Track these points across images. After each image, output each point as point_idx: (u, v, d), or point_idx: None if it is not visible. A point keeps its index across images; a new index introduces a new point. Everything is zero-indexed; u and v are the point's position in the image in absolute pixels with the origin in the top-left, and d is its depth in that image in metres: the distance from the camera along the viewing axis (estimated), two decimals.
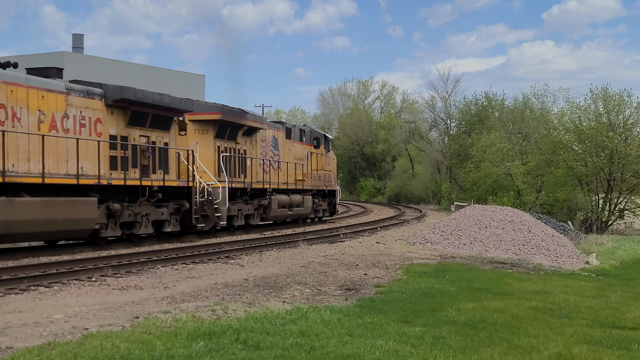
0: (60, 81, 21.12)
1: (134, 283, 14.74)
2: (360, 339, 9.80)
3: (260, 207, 32.07)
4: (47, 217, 19.18)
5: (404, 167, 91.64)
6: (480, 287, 15.66)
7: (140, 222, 23.47)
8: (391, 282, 16.06)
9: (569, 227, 36.34)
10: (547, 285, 16.56)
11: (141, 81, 58.96)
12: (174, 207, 25.18)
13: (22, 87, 19.34)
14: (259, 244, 24.39)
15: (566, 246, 26.19)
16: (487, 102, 64.44)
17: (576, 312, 12.89)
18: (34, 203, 18.85)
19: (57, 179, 20.00)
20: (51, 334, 9.48)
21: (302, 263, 18.92)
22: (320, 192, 39.97)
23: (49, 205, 19.39)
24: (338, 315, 11.33)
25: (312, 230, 32.30)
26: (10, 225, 18.12)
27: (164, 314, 10.91)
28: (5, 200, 18.03)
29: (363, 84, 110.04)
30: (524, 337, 10.45)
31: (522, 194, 48.79)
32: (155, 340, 9.13)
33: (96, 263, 17.73)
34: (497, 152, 51.59)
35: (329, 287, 14.95)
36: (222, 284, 14.68)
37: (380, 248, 24.41)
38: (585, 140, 45.46)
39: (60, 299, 12.77)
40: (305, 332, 9.99)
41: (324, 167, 40.68)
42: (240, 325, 10.23)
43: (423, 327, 10.83)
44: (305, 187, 37.41)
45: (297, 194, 35.87)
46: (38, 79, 20.13)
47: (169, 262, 18.56)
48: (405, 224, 40.20)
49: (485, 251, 24.76)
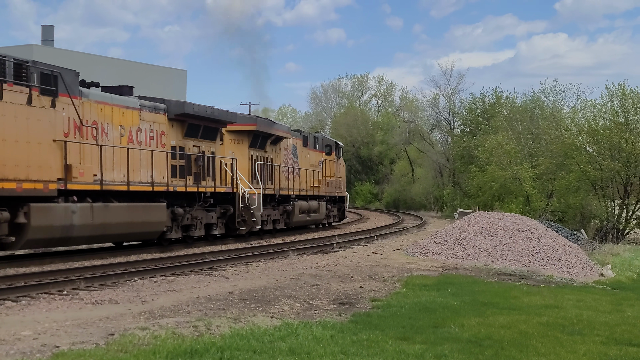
0: (134, 98, 25.57)
1: (108, 297, 14.73)
2: (355, 357, 9.81)
3: (285, 213, 35.98)
4: (131, 220, 23.62)
5: (403, 171, 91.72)
6: (486, 301, 15.69)
7: (195, 225, 27.61)
8: (389, 295, 16.08)
9: (582, 236, 36.44)
10: (558, 299, 16.59)
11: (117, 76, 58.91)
12: (220, 211, 29.38)
13: (108, 105, 23.70)
14: (245, 254, 24.38)
15: (579, 257, 26.25)
16: (495, 100, 64.36)
17: (590, 329, 12.91)
18: (122, 208, 23.27)
19: (138, 187, 24.41)
20: (19, 353, 9.47)
21: (292, 275, 18.93)
22: (332, 198, 44.08)
23: (133, 210, 23.82)
24: (331, 332, 11.35)
25: (303, 240, 32.33)
26: (106, 227, 22.48)
27: (141, 331, 10.91)
28: (102, 205, 22.32)
29: (359, 80, 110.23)
30: (533, 356, 10.47)
31: (532, 200, 48.88)
32: (132, 359, 9.13)
33: (68, 275, 17.70)
34: (505, 154, 51.67)
35: (321, 301, 14.97)
36: (205, 298, 14.68)
37: (377, 259, 24.44)
38: (600, 141, 45.56)
39: (29, 314, 12.75)
40: (295, 350, 9.99)
41: (335, 173, 44.88)
42: (225, 342, 10.23)
43: (423, 344, 10.85)
44: (321, 194, 41.47)
45: (314, 200, 39.82)
46: (119, 97, 24.59)
47: (147, 273, 18.54)
48: (405, 232, 40.24)
49: (492, 262, 24.81)
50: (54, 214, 20.52)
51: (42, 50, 63.64)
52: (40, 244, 21.48)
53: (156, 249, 25.59)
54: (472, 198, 57.27)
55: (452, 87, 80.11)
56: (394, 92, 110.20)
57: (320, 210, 40.46)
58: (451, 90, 79.65)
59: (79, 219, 21.25)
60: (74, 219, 21.08)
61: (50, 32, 71.58)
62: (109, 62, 66.33)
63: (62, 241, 21.83)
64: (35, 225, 19.75)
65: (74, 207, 21.22)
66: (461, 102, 74.11)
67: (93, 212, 21.89)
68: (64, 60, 61.37)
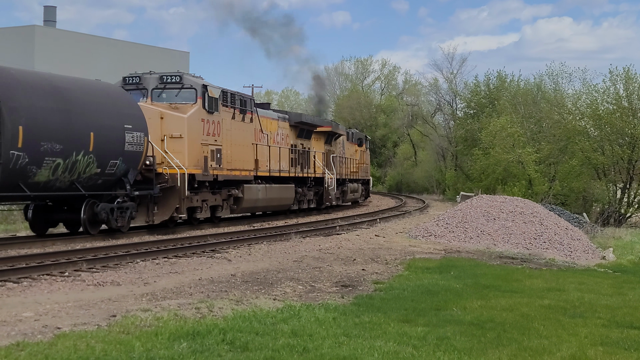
0: (273, 112, 37.27)
1: (110, 278, 14.73)
2: (357, 339, 9.81)
3: (341, 193, 45.98)
4: (280, 196, 34.81)
5: (405, 154, 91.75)
6: (488, 283, 15.69)
7: (304, 200, 38.98)
8: (391, 278, 16.09)
9: (584, 220, 36.46)
10: (560, 282, 16.59)
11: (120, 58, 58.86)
12: (314, 190, 40.69)
13: (265, 118, 34.43)
14: (248, 236, 24.39)
15: (581, 240, 26.26)
16: (499, 83, 64.08)
17: (591, 311, 12.91)
18: (277, 187, 34.39)
19: (284, 173, 35.93)
20: (20, 334, 9.47)
21: (294, 257, 18.93)
22: (363, 180, 54.84)
23: (281, 189, 34.98)
24: (333, 314, 11.35)
25: (305, 222, 32.40)
26: (270, 200, 33.69)
27: (143, 312, 10.91)
28: (269, 186, 33.48)
29: (362, 63, 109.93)
30: (534, 338, 10.47)
31: (534, 184, 48.82)
32: (134, 341, 9.13)
33: (69, 257, 17.69)
34: (508, 137, 51.58)
35: (324, 283, 14.97)
36: (207, 280, 14.69)
37: (380, 241, 24.44)
38: (603, 125, 45.50)
39: (30, 295, 12.76)
40: (297, 332, 10.00)
41: (364, 161, 56.46)
42: (227, 324, 10.24)
43: (426, 326, 10.85)
44: (359, 178, 52.92)
45: (354, 183, 50.29)
46: (268, 112, 36.11)
47: (149, 255, 18.55)
48: (407, 215, 40.26)
49: (494, 245, 24.81)
50: (253, 190, 31.65)
51: (44, 31, 63.49)
52: (246, 210, 32.26)
53: (158, 231, 25.59)
54: (475, 181, 57.22)
55: (454, 70, 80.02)
56: (397, 76, 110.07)
57: (359, 190, 51.65)
58: (453, 75, 79.54)
59: (261, 194, 32.41)
60: (259, 194, 32.22)
61: (53, 13, 71.29)
62: (111, 43, 66.19)
63: (253, 208, 33.03)
64: (246, 198, 30.80)
65: (260, 187, 32.45)
66: (465, 85, 73.96)
67: (266, 190, 33.00)
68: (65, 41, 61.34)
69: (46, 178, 20.27)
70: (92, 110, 22.04)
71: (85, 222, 22.25)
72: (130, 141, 23.24)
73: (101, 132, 21.99)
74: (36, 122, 19.70)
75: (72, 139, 20.90)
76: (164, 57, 67.86)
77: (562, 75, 58.57)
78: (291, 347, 9.22)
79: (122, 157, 22.97)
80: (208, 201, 28.05)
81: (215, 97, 28.16)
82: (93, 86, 23.60)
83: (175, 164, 25.40)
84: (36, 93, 20.15)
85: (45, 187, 20.50)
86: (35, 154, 19.58)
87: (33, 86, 20.26)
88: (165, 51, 72.64)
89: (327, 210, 42.77)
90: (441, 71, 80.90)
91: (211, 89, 27.89)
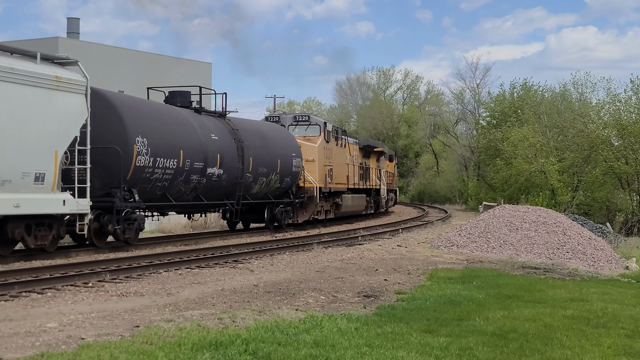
0: (351, 137, 45.16)
1: (134, 289, 14.78)
2: (379, 350, 9.81)
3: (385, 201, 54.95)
4: (358, 203, 43.93)
5: (428, 164, 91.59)
6: (511, 294, 15.65)
7: (370, 206, 48.15)
8: (413, 288, 16.07)
9: (607, 230, 36.28)
10: (583, 293, 16.51)
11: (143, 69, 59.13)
12: (372, 199, 48.73)
13: (349, 144, 43.20)
14: (270, 247, 24.42)
15: (604, 250, 26.13)
16: (524, 92, 63.85)
17: (615, 322, 12.85)
18: (356, 196, 43.35)
19: (359, 186, 44.91)
20: (44, 344, 9.53)
21: (316, 268, 18.95)
22: (392, 190, 60.90)
23: (360, 199, 44.46)
24: (356, 324, 11.35)
25: (327, 232, 32.38)
26: (354, 207, 42.84)
27: (166, 323, 10.95)
28: (353, 195, 42.58)
29: (384, 73, 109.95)
30: (557, 349, 10.43)
31: (557, 194, 48.64)
32: (157, 351, 9.17)
33: (93, 267, 17.78)
34: (530, 147, 51.41)
35: (346, 293, 14.98)
36: (230, 290, 14.73)
37: (402, 252, 24.43)
38: (626, 135, 45.27)
39: (54, 306, 12.83)
40: (320, 343, 10.01)
41: (394, 174, 62.97)
42: (250, 334, 10.26)
43: (448, 337, 10.83)
44: (392, 188, 60.52)
45: (390, 193, 58.28)
46: (350, 138, 44.28)
47: (172, 266, 18.60)
48: (429, 225, 40.19)
49: (516, 255, 24.73)
50: (347, 199, 41.04)
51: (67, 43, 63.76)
52: (341, 214, 40.63)
53: (180, 241, 25.69)
54: (497, 191, 57.06)
55: (477, 80, 79.92)
56: (420, 85, 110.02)
57: (393, 198, 60.83)
58: (476, 84, 79.45)
59: (350, 202, 41.67)
60: (349, 202, 41.54)
61: (76, 25, 71.63)
62: (134, 54, 66.39)
63: (345, 212, 41.38)
64: (343, 205, 40.20)
65: (349, 196, 41.74)
66: (489, 94, 73.85)
67: (352, 199, 42.25)
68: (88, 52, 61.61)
69: (257, 190, 30.76)
70: (277, 144, 32.28)
71: (267, 221, 31.91)
72: (294, 164, 33.42)
73: (283, 158, 32.25)
74: (256, 154, 29.96)
75: (271, 164, 31.19)
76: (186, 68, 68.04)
77: (586, 85, 58.41)
78: (313, 357, 9.23)
79: (290, 175, 33.22)
80: (324, 207, 37.71)
81: (329, 131, 38.75)
82: (274, 127, 34.65)
83: (310, 180, 35.41)
84: (254, 135, 30.57)
85: (255, 196, 30.77)
86: (255, 175, 30.17)
87: (252, 131, 30.84)
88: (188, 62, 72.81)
89: (380, 215, 52.28)
90: (464, 81, 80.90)
91: (328, 124, 38.95)
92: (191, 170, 25.45)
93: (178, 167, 24.65)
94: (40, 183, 19.16)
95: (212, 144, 26.82)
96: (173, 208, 26.84)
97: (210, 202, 27.82)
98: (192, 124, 26.32)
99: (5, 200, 18.13)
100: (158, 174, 23.80)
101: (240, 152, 28.66)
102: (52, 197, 19.56)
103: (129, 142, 22.35)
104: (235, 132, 28.97)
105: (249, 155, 29.14)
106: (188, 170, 25.27)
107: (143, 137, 22.94)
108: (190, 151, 25.35)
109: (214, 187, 27.34)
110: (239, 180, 28.64)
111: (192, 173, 25.56)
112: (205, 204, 27.64)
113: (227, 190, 28.38)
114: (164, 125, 24.62)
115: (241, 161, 28.66)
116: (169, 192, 24.83)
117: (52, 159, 19.41)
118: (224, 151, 27.50)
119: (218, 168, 27.10)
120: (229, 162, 27.80)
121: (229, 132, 28.63)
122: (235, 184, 28.50)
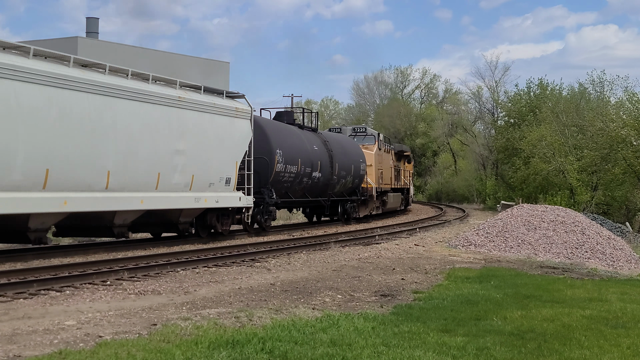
0: (389, 145, 50.56)
1: (151, 287, 14.83)
2: (396, 349, 9.79)
3: None
4: (397, 200, 51.19)
5: (445, 163, 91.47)
6: (529, 293, 15.59)
7: (402, 203, 54.48)
8: (431, 287, 16.04)
9: (627, 229, 36.14)
10: (602, 292, 16.43)
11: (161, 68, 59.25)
12: (401, 196, 54.00)
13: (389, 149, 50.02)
14: (287, 245, 24.45)
15: (624, 249, 26.00)
16: (540, 91, 63.58)
17: (634, 322, 12.77)
18: (392, 195, 49.46)
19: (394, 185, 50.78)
20: (62, 342, 9.57)
21: (333, 267, 18.95)
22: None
23: (394, 196, 49.91)
24: (372, 324, 11.34)
25: (344, 232, 32.38)
26: (393, 203, 49.59)
27: (183, 321, 10.97)
28: (393, 194, 49.65)
29: (402, 72, 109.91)
30: (576, 349, 10.39)
31: (576, 193, 48.46)
32: (174, 349, 9.18)
33: (111, 266, 17.84)
34: (548, 146, 51.23)
35: (363, 292, 14.96)
36: (247, 289, 14.74)
37: (419, 251, 24.39)
38: None
39: (73, 304, 12.88)
40: (336, 342, 10.00)
41: (411, 173, 66.24)
42: (266, 333, 10.26)
43: (465, 337, 10.80)
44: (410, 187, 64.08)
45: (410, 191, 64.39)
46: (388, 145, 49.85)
47: (189, 264, 18.65)
48: (447, 224, 40.13)
49: (535, 255, 24.66)
50: (390, 197, 48.03)
51: (86, 42, 64.01)
52: (387, 209, 48.04)
53: (198, 240, 25.78)
54: (516, 190, 56.90)
55: (496, 79, 79.67)
56: (438, 84, 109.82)
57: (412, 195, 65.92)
58: (495, 83, 79.20)
59: (392, 199, 48.84)
60: (392, 199, 48.77)
61: (95, 25, 71.92)
62: (152, 53, 66.57)
63: (389, 209, 48.73)
64: (389, 202, 47.53)
65: (392, 194, 48.90)
66: (505, 94, 73.55)
67: (394, 198, 49.44)
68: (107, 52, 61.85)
69: (337, 190, 37.80)
70: (351, 152, 39.67)
71: (340, 214, 39.07)
72: (361, 168, 40.45)
73: (355, 164, 39.46)
74: (339, 161, 37.25)
75: (348, 168, 38.38)
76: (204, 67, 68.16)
77: (605, 83, 58.14)
78: (330, 356, 9.22)
79: (358, 177, 40.22)
80: (375, 203, 44.74)
81: (381, 140, 47.06)
82: (347, 138, 42.35)
83: (369, 181, 42.53)
84: (337, 145, 38.08)
85: (336, 194, 37.93)
86: (338, 177, 37.29)
87: (335, 141, 38.21)
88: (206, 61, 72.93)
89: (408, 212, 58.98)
90: (483, 79, 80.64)
91: (380, 135, 47.43)
92: (304, 174, 32.97)
93: (297, 171, 32.13)
94: (228, 185, 26.12)
95: (314, 153, 34.30)
96: (292, 204, 35.04)
97: (312, 199, 35.41)
98: (302, 138, 33.96)
99: (212, 197, 25.19)
100: (287, 177, 31.19)
101: (330, 160, 36.20)
102: (234, 195, 26.60)
103: (272, 153, 29.54)
104: (326, 143, 36.63)
105: (335, 161, 36.69)
106: (302, 174, 32.74)
107: (280, 149, 30.15)
108: (304, 159, 32.87)
109: (314, 187, 34.74)
110: (329, 182, 36.28)
111: (304, 176, 33.08)
112: (309, 200, 35.31)
113: (321, 190, 35.88)
114: (290, 140, 31.98)
115: (331, 166, 36.20)
116: (290, 190, 32.04)
117: (234, 167, 26.45)
118: (321, 159, 35.07)
119: (318, 172, 34.62)
120: (324, 167, 35.34)
121: (322, 144, 36.21)
122: (327, 185, 36.14)
